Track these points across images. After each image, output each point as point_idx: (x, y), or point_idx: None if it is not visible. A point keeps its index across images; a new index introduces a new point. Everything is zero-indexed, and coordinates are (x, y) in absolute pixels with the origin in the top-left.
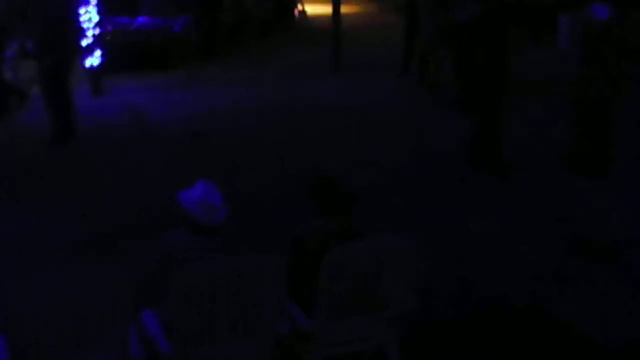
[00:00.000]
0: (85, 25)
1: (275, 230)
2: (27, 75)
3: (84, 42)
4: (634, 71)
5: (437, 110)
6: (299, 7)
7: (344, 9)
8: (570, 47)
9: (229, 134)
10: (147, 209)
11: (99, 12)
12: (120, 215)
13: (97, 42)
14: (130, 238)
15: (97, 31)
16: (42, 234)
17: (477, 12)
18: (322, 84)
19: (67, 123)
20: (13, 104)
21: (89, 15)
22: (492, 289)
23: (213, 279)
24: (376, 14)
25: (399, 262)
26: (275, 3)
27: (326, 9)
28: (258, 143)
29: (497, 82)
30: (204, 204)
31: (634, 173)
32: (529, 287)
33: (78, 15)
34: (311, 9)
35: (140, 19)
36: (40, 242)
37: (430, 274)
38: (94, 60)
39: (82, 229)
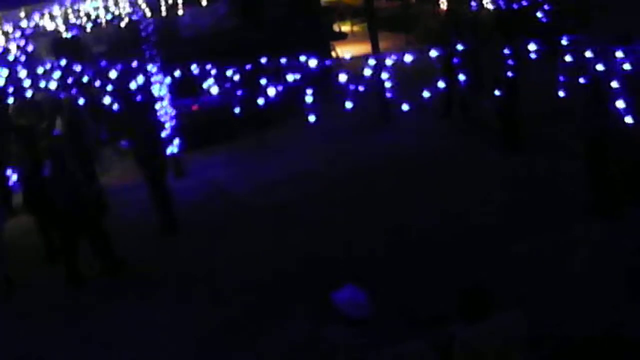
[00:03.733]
0: (162, 119)
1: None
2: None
3: (164, 134)
4: None
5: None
6: (334, 53)
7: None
8: None
9: (308, 202)
10: (264, 288)
11: (172, 104)
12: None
13: (175, 132)
14: (253, 321)
15: (173, 122)
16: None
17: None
18: (377, 136)
19: (170, 215)
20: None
21: (164, 109)
22: None
23: None
24: (404, 47)
25: None
26: None
27: (358, 49)
28: (337, 207)
29: None
30: (352, 302)
31: None
32: None
33: (157, 113)
34: (342, 51)
35: (202, 98)
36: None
37: None
38: (173, 148)
39: (209, 318)
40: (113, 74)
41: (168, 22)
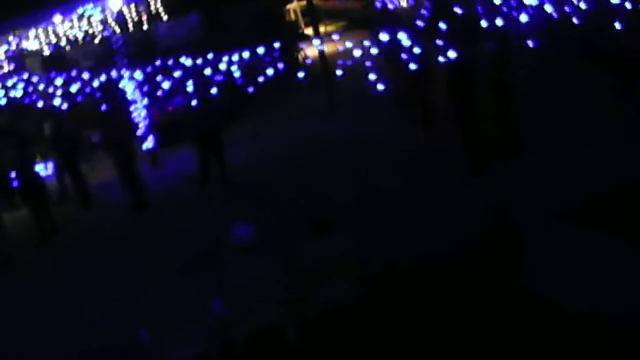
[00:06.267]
0: (137, 120)
1: None
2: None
3: (139, 132)
4: None
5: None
6: (300, 56)
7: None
8: None
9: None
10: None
11: (145, 106)
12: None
13: (149, 130)
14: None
15: (147, 122)
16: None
17: None
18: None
19: (140, 197)
20: None
21: (139, 111)
22: None
23: None
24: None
25: None
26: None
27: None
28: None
29: None
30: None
31: None
32: None
33: (131, 113)
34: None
35: (176, 99)
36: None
37: None
38: (148, 144)
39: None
40: (95, 84)
41: (143, 35)
